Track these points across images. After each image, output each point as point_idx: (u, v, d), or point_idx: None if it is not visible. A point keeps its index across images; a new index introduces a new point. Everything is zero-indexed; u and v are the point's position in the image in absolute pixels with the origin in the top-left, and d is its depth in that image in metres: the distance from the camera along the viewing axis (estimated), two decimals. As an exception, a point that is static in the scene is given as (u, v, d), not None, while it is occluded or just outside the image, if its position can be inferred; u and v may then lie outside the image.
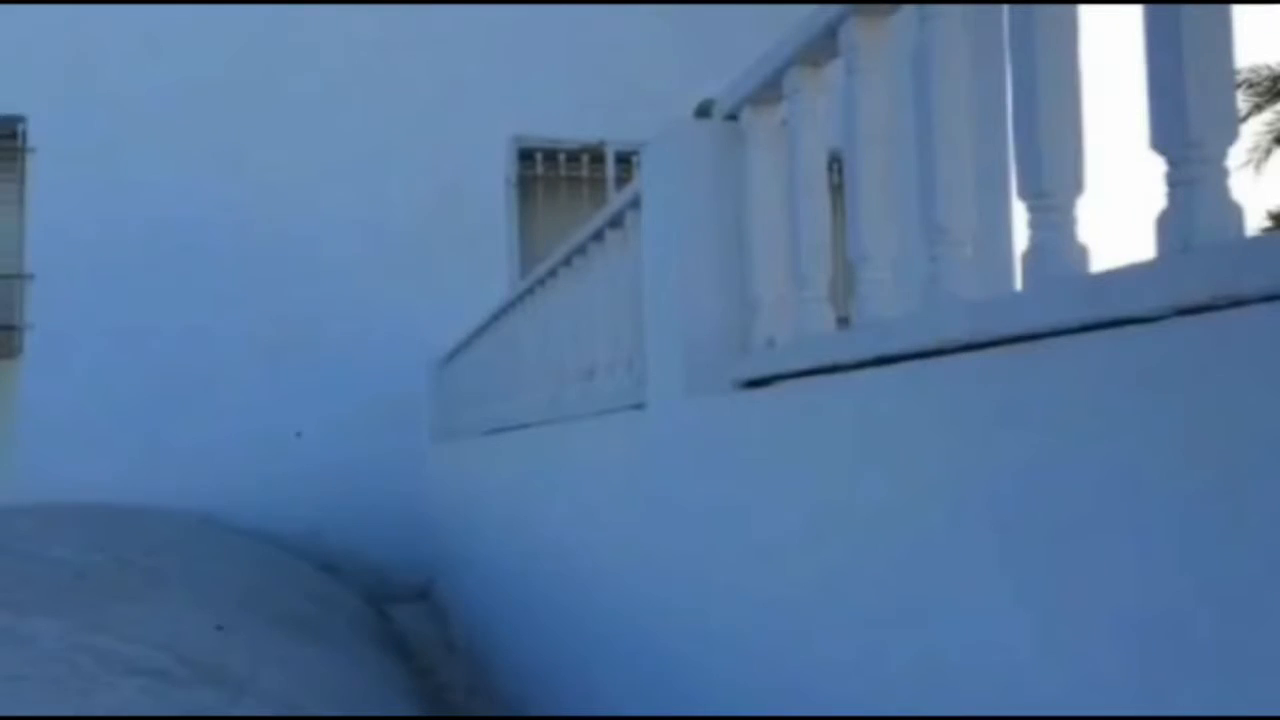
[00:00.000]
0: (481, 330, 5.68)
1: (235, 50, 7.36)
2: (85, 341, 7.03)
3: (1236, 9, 1.21)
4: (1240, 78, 13.73)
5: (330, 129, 7.44)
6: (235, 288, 7.24)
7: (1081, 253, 1.40)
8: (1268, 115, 13.68)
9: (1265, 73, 13.48)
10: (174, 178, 7.20)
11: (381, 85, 7.57)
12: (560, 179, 7.99)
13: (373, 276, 7.40)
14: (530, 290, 4.51)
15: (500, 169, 7.81)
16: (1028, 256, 1.42)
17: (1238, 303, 1.05)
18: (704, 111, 2.52)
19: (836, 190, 2.02)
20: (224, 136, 7.28)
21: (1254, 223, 13.80)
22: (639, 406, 2.79)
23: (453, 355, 6.64)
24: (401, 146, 7.53)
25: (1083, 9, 1.44)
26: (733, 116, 2.42)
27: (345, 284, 7.34)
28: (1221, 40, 1.18)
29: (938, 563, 1.47)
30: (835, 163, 2.00)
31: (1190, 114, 1.17)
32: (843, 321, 2.08)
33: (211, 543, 5.69)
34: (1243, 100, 13.81)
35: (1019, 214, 1.48)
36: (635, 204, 2.92)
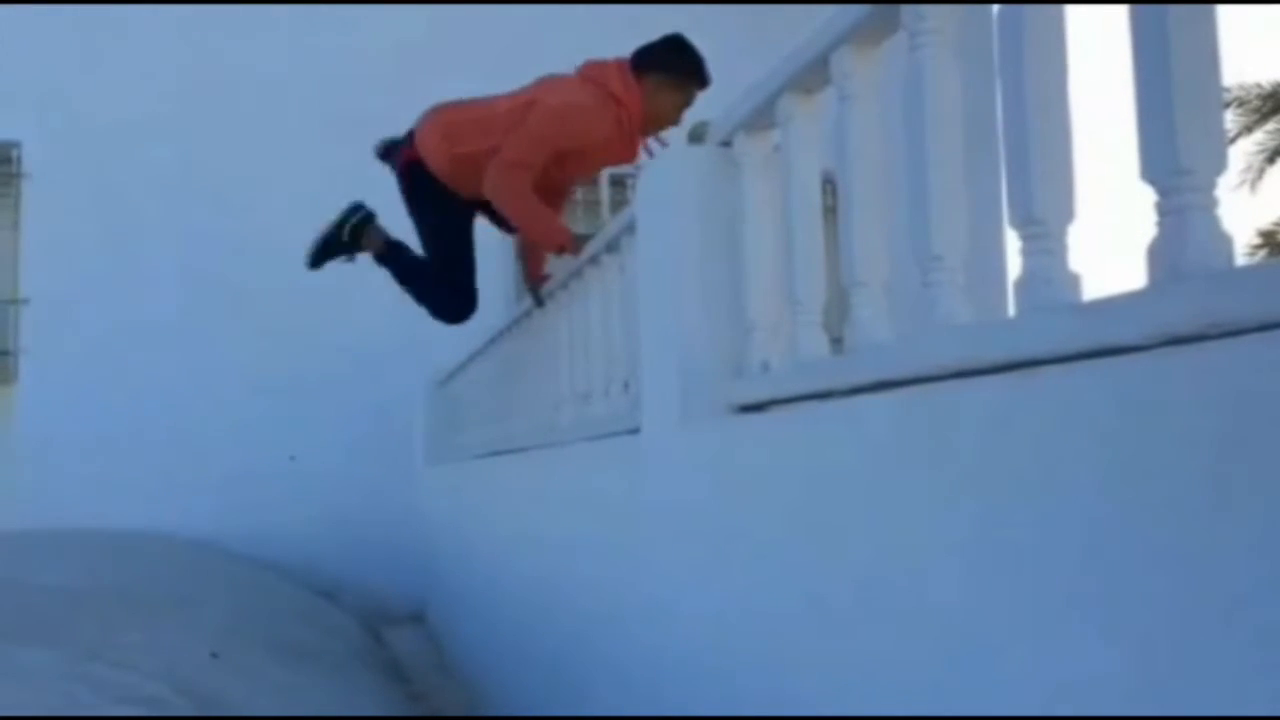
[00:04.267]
0: (477, 354, 5.68)
1: (232, 77, 7.38)
2: (80, 366, 7.02)
3: (1224, 26, 1.22)
4: (1231, 96, 13.77)
5: (326, 153, 7.45)
6: (230, 312, 7.24)
7: (1074, 280, 1.41)
8: (1259, 135, 13.72)
9: (1256, 91, 13.53)
10: (169, 203, 7.22)
11: (380, 110, 7.59)
12: (556, 201, 8.00)
13: (368, 299, 7.39)
14: (526, 314, 4.52)
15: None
16: (1019, 284, 1.43)
17: (1229, 333, 1.06)
18: (696, 137, 2.53)
19: (830, 214, 2.03)
20: (220, 162, 7.30)
21: (1245, 240, 13.84)
22: (634, 431, 2.79)
23: (448, 378, 6.64)
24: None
25: (1070, 32, 1.46)
26: (726, 143, 2.44)
27: (340, 306, 7.33)
28: (1209, 70, 1.20)
29: (932, 590, 1.47)
30: (829, 186, 2.01)
31: (1180, 144, 1.18)
32: (837, 344, 2.09)
33: (207, 568, 5.67)
34: (1234, 119, 13.85)
35: (1012, 240, 1.47)
36: (630, 229, 2.94)
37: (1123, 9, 1.28)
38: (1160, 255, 1.20)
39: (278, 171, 7.36)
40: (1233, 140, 13.60)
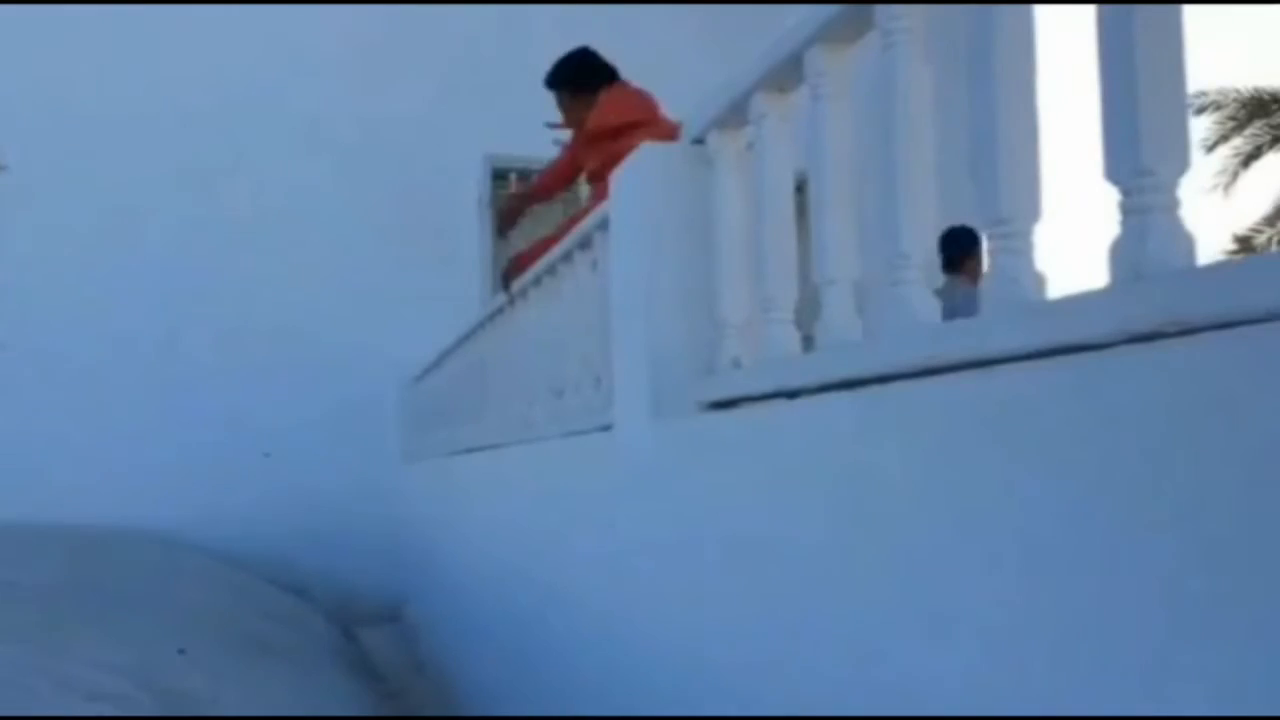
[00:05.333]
0: (452, 350, 5.67)
1: (206, 70, 7.32)
2: (56, 362, 6.96)
3: (1205, 30, 1.23)
4: (1208, 100, 13.83)
5: (300, 148, 7.42)
6: (205, 308, 7.18)
7: (1039, 279, 1.41)
8: (1237, 140, 13.81)
9: (1234, 96, 13.61)
10: (144, 196, 7.15)
11: (354, 103, 7.57)
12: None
13: (343, 296, 7.37)
14: (500, 310, 4.50)
15: (473, 189, 7.80)
16: (986, 282, 1.43)
17: (1187, 330, 1.06)
18: None
19: (803, 213, 2.03)
20: (195, 155, 7.24)
21: (1220, 245, 13.94)
22: (606, 428, 2.79)
23: (424, 375, 6.61)
24: (373, 165, 7.51)
25: (1040, 32, 1.46)
26: (700, 140, 2.44)
27: (315, 303, 7.30)
28: (1174, 71, 1.20)
29: (894, 585, 1.48)
30: (804, 184, 2.01)
31: (1143, 145, 1.18)
32: (810, 342, 2.09)
33: (176, 565, 5.63)
34: (1211, 125, 13.92)
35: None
36: (603, 226, 2.93)
37: (1091, 10, 1.29)
38: (1122, 255, 1.21)
39: (253, 163, 7.31)
40: (1211, 147, 13.67)
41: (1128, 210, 1.21)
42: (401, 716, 4.23)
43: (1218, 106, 13.37)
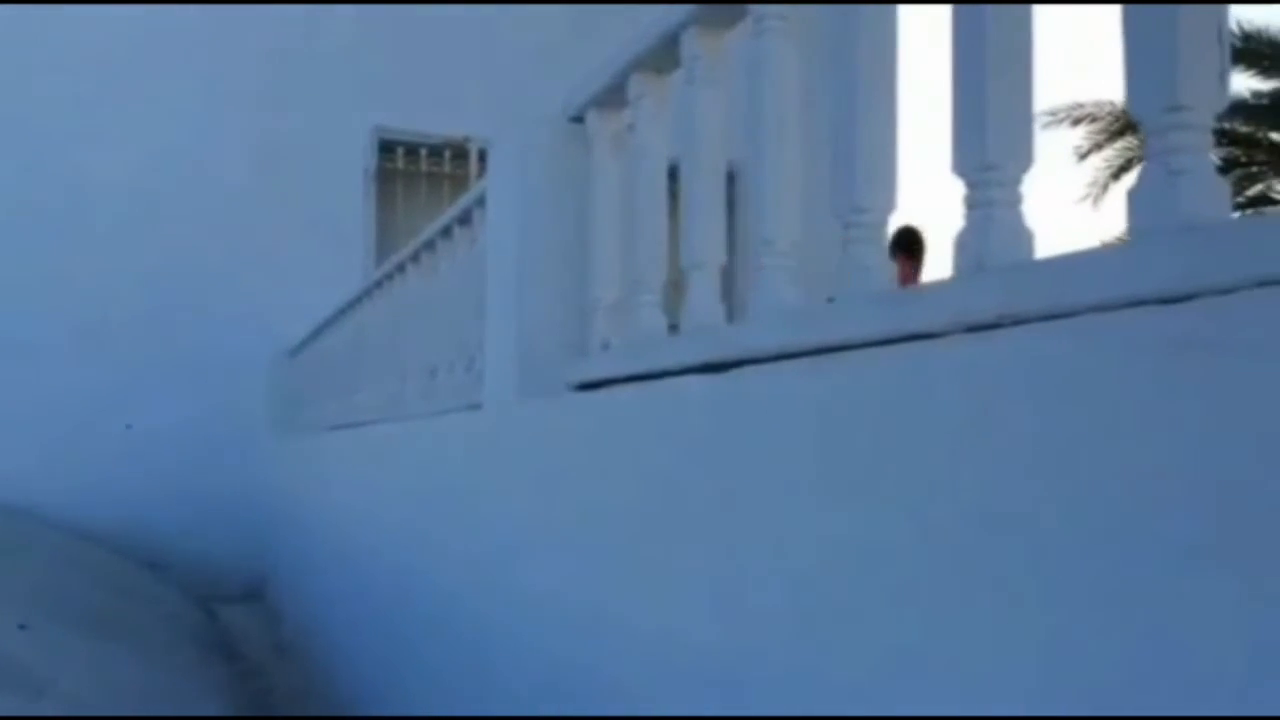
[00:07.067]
0: (329, 324, 5.53)
1: (72, 28, 6.95)
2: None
3: (1082, 45, 1.26)
4: (1084, 112, 14.32)
5: (172, 111, 7.12)
6: (65, 273, 6.82)
7: (891, 269, 1.44)
8: (1108, 151, 14.35)
9: (1109, 109, 14.12)
10: (9, 157, 6.76)
11: (235, 66, 7.29)
12: (421, 174, 7.86)
13: (215, 264, 7.10)
14: (379, 285, 4.41)
15: (359, 159, 7.61)
16: (840, 270, 1.45)
17: (1021, 321, 1.09)
18: None
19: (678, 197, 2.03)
20: (62, 116, 6.88)
21: (1090, 254, 14.44)
22: (475, 407, 2.75)
23: (299, 348, 6.44)
24: (252, 129, 7.23)
25: (902, 38, 1.49)
26: (578, 119, 2.41)
27: (185, 271, 7.01)
28: (1022, 70, 1.23)
29: (745, 560, 1.49)
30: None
31: (988, 140, 1.21)
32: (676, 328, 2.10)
33: (20, 536, 5.37)
34: (1085, 136, 14.41)
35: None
36: (482, 202, 2.89)
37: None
38: (966, 247, 1.23)
39: (110, 129, 6.95)
40: (1083, 155, 14.18)
41: (972, 204, 1.24)
42: (276, 717, 4.10)
43: (1093, 119, 13.87)
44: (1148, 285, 0.93)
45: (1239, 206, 11.39)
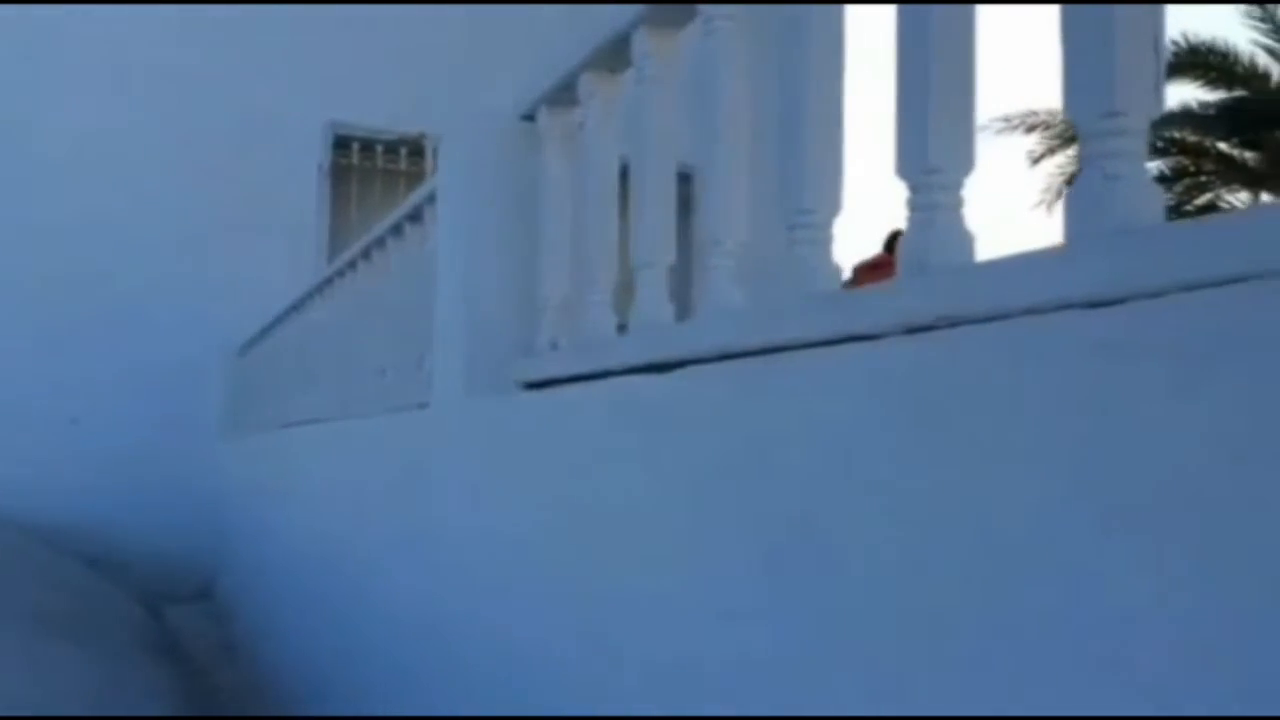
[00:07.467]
0: (280, 320, 5.46)
1: (17, 23, 6.81)
2: None
3: (1039, 53, 1.27)
4: (1038, 120, 14.49)
5: (121, 97, 6.99)
6: (16, 271, 6.69)
7: (836, 270, 1.45)
8: (1060, 158, 14.54)
9: (1062, 117, 14.31)
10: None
11: (188, 55, 7.18)
12: (377, 170, 7.79)
13: (166, 258, 6.99)
14: (329, 282, 4.36)
15: (313, 155, 7.53)
16: (786, 271, 1.45)
17: (957, 323, 1.10)
18: None
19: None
20: (4, 112, 6.74)
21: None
22: (424, 405, 2.73)
23: (250, 345, 6.36)
24: (205, 123, 7.13)
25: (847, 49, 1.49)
26: (529, 117, 2.40)
27: (136, 265, 6.89)
28: (964, 72, 1.24)
29: (685, 559, 1.49)
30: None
31: (931, 143, 1.22)
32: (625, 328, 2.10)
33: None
34: (1039, 142, 14.59)
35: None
36: (433, 199, 2.86)
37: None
38: (908, 250, 1.24)
39: (53, 115, 6.82)
40: (1036, 160, 14.37)
41: (915, 206, 1.24)
42: (221, 717, 4.04)
43: (1047, 126, 14.05)
44: (1078, 289, 0.94)
45: (1187, 215, 11.59)
